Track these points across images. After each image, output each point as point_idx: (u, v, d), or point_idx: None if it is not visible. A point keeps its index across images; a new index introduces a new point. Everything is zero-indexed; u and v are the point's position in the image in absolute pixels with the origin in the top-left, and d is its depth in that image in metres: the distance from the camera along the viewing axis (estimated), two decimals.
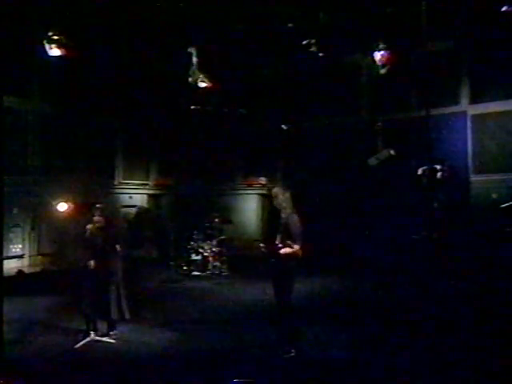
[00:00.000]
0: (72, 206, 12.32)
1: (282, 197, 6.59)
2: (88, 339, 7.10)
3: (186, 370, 6.15)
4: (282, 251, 6.35)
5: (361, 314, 8.52)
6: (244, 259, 14.60)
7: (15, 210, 13.34)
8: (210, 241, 13.45)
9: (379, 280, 11.28)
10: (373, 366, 6.16)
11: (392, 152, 13.79)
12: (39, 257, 13.96)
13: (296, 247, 6.34)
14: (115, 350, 6.90)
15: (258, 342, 6.96)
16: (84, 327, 7.34)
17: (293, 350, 6.39)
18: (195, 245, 13.41)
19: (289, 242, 6.35)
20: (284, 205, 6.53)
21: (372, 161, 14.04)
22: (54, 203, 12.47)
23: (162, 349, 6.95)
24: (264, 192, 17.39)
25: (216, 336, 7.47)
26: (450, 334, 7.31)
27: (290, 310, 6.58)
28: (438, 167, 12.28)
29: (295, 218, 6.48)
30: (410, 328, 7.58)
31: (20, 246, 13.60)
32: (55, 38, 11.04)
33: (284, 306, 6.55)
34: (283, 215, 6.48)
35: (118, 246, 7.46)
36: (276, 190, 6.67)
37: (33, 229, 13.90)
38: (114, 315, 7.46)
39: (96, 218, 7.34)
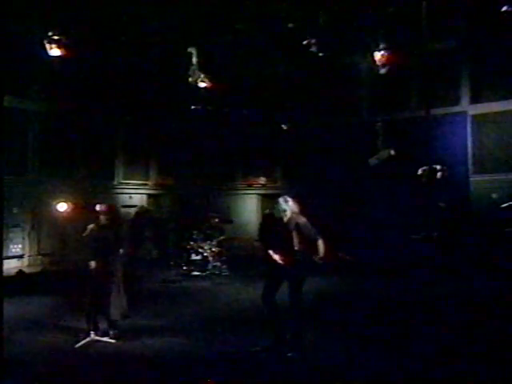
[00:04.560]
0: (72, 205, 12.36)
1: (285, 205, 6.58)
2: (88, 339, 7.10)
3: (186, 371, 6.15)
4: (321, 251, 6.28)
5: (359, 315, 8.52)
6: (244, 259, 14.61)
7: (15, 210, 13.34)
8: (210, 241, 13.45)
9: (379, 280, 11.29)
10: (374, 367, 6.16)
11: (392, 152, 13.80)
12: (39, 257, 13.96)
13: (320, 242, 6.34)
14: (115, 350, 6.89)
15: (258, 342, 6.95)
16: (84, 327, 7.34)
17: (292, 352, 6.38)
18: (195, 245, 13.42)
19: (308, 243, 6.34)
20: (288, 211, 6.54)
21: (372, 161, 14.04)
22: (53, 203, 12.51)
23: (161, 349, 6.94)
24: (264, 192, 17.44)
25: (216, 336, 7.46)
26: (449, 334, 7.31)
27: (299, 312, 6.55)
28: (438, 167, 12.28)
29: (303, 219, 6.51)
30: (409, 328, 7.59)
31: (20, 245, 13.60)
32: (55, 37, 11.04)
33: (293, 308, 6.50)
34: (291, 220, 6.48)
35: (121, 251, 7.51)
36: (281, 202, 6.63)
37: (33, 229, 13.90)
38: (115, 315, 7.46)
39: (102, 217, 7.35)
